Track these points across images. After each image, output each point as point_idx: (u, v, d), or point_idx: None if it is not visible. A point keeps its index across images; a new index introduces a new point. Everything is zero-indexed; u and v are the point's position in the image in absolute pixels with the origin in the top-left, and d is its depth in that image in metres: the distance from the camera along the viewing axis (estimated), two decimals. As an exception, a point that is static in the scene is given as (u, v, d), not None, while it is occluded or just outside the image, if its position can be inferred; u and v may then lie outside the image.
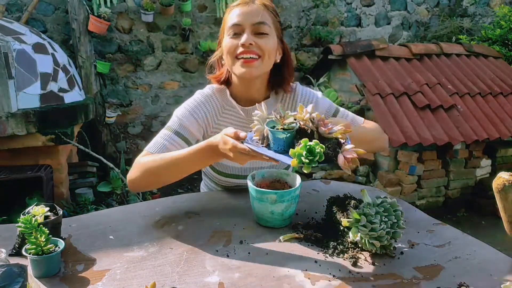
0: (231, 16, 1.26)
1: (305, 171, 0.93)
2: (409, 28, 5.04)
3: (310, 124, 0.99)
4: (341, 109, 1.44)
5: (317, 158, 0.92)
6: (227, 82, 1.36)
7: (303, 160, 0.92)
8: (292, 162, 0.94)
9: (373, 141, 1.37)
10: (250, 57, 1.22)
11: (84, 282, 0.91)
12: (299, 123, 1.01)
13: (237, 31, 1.24)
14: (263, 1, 1.28)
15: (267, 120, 1.04)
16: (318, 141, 0.94)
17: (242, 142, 1.03)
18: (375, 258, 1.00)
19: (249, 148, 1.00)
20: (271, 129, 1.00)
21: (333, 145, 0.97)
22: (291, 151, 0.95)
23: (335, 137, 0.99)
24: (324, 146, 0.93)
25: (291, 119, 1.01)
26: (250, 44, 1.21)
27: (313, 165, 0.92)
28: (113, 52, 4.00)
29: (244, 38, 1.21)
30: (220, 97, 1.36)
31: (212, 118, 1.34)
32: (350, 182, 3.43)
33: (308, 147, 0.93)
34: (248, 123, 1.33)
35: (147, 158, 1.22)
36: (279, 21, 1.32)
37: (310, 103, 1.37)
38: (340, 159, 0.94)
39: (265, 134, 1.03)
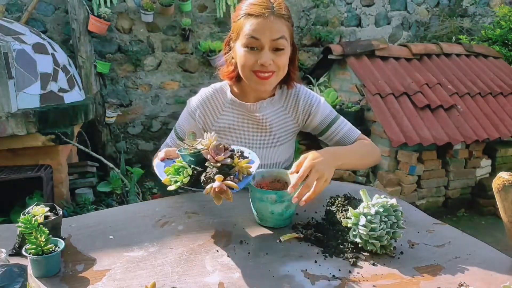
0: (248, 27, 1.21)
1: (168, 189, 1.02)
2: (409, 28, 5.04)
3: (206, 150, 1.03)
4: (340, 118, 1.44)
5: (181, 179, 1.00)
6: (238, 77, 1.36)
7: (171, 179, 1.02)
8: (165, 180, 1.04)
9: (368, 156, 1.39)
10: (267, 74, 1.24)
11: (84, 282, 0.91)
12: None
13: (255, 45, 1.22)
14: (280, 8, 1.23)
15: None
16: (187, 164, 1.02)
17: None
18: (375, 258, 1.00)
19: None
20: (181, 153, 1.07)
21: (212, 173, 0.99)
22: (166, 169, 1.05)
23: (221, 165, 1.00)
24: (190, 171, 1.01)
25: (200, 146, 1.05)
26: (269, 64, 1.22)
27: (181, 186, 1.00)
28: (113, 52, 4.01)
29: (264, 58, 1.21)
30: (221, 96, 1.40)
31: (210, 118, 1.40)
32: (350, 182, 3.43)
33: (175, 168, 1.02)
34: (252, 118, 1.39)
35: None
36: (292, 24, 1.30)
37: (312, 106, 1.41)
38: (208, 186, 0.97)
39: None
